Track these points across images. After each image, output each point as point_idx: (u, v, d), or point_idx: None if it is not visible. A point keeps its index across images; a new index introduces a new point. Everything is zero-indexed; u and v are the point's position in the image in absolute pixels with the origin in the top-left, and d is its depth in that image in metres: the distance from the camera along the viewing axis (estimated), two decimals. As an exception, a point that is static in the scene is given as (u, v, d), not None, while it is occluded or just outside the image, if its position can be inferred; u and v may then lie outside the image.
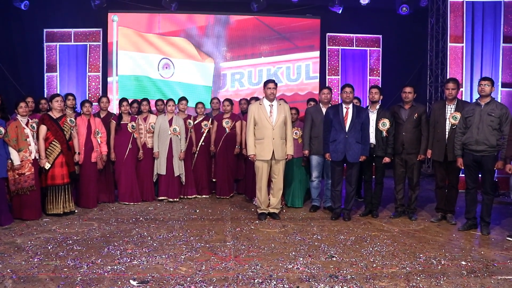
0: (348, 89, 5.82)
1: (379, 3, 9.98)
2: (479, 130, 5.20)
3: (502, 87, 8.33)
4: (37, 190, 5.74)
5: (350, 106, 5.83)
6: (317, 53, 10.52)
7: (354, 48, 10.61)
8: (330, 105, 6.26)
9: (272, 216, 5.97)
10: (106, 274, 3.89)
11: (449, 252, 4.61)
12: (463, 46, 8.40)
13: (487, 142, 5.17)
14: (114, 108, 9.31)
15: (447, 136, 5.65)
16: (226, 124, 7.26)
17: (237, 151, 7.31)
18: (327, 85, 9.84)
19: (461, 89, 8.00)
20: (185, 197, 7.17)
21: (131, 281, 3.72)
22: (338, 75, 10.52)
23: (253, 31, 10.44)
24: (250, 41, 10.45)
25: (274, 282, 3.74)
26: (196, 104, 7.47)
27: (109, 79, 10.09)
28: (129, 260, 4.25)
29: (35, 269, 3.98)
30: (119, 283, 3.70)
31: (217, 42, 10.34)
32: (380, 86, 7.01)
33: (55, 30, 10.02)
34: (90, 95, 10.00)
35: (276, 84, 5.86)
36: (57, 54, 10.05)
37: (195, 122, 7.32)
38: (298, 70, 10.51)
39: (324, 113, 6.12)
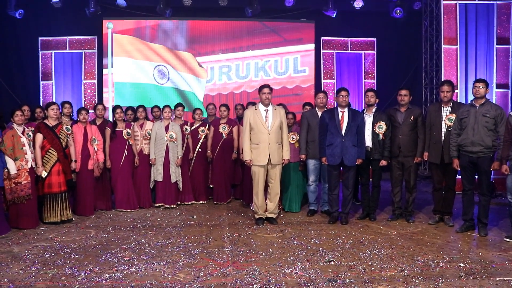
0: (344, 93, 5.83)
1: (373, 6, 10.03)
2: (475, 131, 5.22)
3: (496, 88, 8.36)
4: (33, 199, 5.72)
5: (346, 109, 5.84)
6: (305, 46, 10.48)
7: (349, 51, 10.63)
8: (325, 109, 6.27)
9: (270, 221, 5.96)
10: (104, 282, 3.88)
11: (447, 254, 4.61)
12: (457, 48, 8.43)
13: (482, 143, 5.18)
14: (110, 116, 9.29)
15: (443, 138, 5.67)
16: (223, 129, 7.26)
17: (234, 157, 7.30)
18: (322, 89, 9.87)
19: (456, 91, 8.03)
20: (182, 203, 7.15)
21: (129, 289, 3.72)
22: (333, 79, 10.54)
23: (240, 24, 10.45)
24: (238, 35, 10.43)
25: (273, 287, 3.74)
26: (194, 110, 7.48)
27: (104, 86, 10.08)
28: (127, 267, 4.23)
29: (32, 278, 3.96)
30: (117, 291, 3.69)
31: (205, 36, 10.36)
32: (375, 89, 7.03)
33: (50, 38, 10.01)
34: (86, 102, 9.99)
35: (271, 89, 5.88)
36: (52, 62, 10.04)
37: (192, 128, 7.31)
38: (286, 64, 10.51)
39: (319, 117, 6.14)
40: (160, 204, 6.93)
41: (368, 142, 5.95)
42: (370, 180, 6.22)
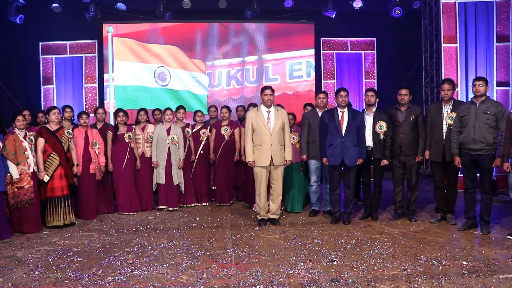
0: (343, 93, 5.84)
1: (372, 6, 10.05)
2: (476, 129, 5.22)
3: (497, 86, 8.38)
4: (36, 203, 5.73)
5: (346, 109, 5.85)
6: (276, 55, 10.54)
7: (349, 51, 10.67)
8: (326, 109, 6.28)
9: (272, 222, 5.96)
10: (107, 285, 3.88)
11: (450, 253, 4.61)
12: (457, 46, 8.45)
13: (484, 141, 5.18)
14: (111, 119, 9.31)
15: (444, 136, 5.67)
16: (225, 131, 7.27)
17: (237, 158, 7.31)
18: (323, 90, 9.87)
19: (456, 89, 8.03)
20: (185, 205, 7.16)
21: (133, 291, 3.72)
22: (334, 79, 10.56)
23: (210, 33, 10.48)
24: (209, 44, 10.48)
25: (276, 288, 3.75)
26: (195, 112, 7.49)
27: (105, 90, 10.10)
28: (130, 270, 4.24)
29: (36, 282, 3.97)
30: (121, 293, 3.70)
31: (206, 39, 10.44)
32: (376, 89, 7.03)
33: (51, 42, 10.07)
34: (87, 106, 10.03)
35: (273, 91, 5.89)
36: (53, 66, 10.09)
37: (194, 131, 7.32)
38: (259, 71, 10.55)
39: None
40: (162, 207, 6.94)
41: (369, 141, 5.95)
42: (372, 179, 6.22)
